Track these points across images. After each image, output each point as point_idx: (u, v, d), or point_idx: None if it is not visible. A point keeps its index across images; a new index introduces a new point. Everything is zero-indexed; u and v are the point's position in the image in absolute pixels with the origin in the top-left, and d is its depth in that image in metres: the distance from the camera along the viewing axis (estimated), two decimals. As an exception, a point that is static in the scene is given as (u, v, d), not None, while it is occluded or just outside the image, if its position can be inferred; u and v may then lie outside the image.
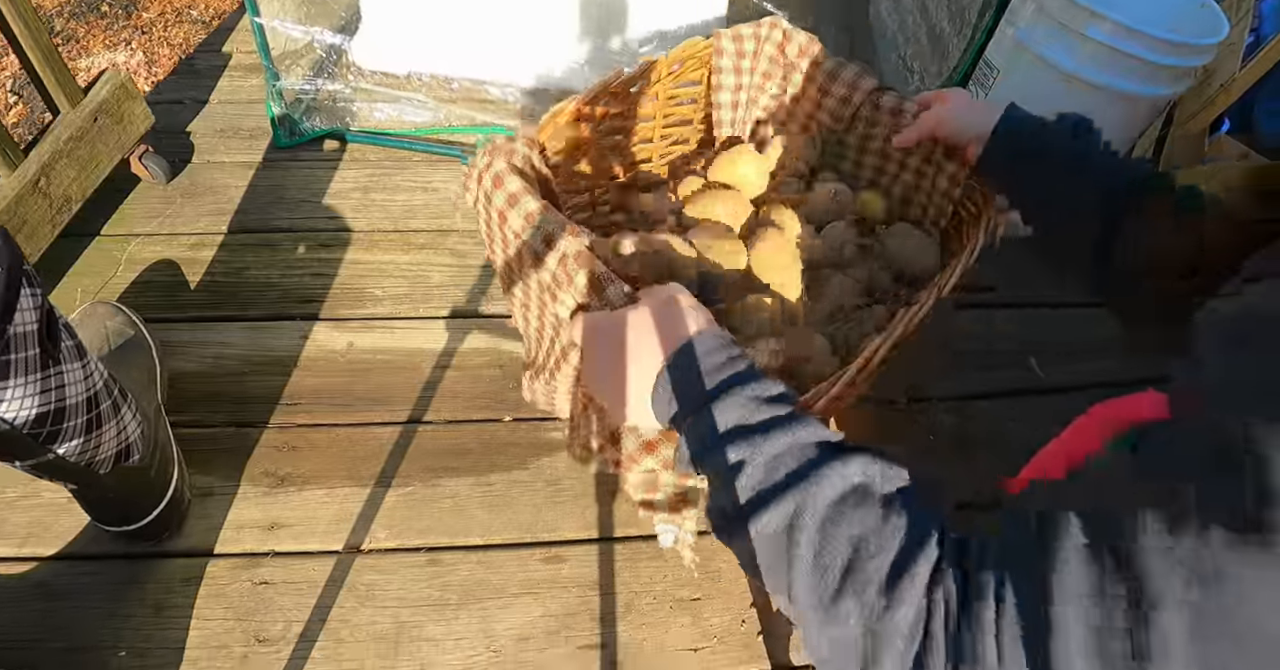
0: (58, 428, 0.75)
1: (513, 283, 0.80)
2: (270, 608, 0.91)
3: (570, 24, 1.49)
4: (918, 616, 0.42)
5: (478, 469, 1.05)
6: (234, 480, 1.01)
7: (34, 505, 0.96)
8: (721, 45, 0.99)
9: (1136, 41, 1.15)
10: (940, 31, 1.36)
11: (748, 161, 1.04)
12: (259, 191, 1.37)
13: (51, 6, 1.72)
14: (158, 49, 1.64)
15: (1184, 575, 0.34)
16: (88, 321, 1.03)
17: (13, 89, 1.52)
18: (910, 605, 0.42)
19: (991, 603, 0.40)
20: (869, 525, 0.45)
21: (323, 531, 0.98)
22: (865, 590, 0.44)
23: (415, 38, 1.52)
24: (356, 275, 1.26)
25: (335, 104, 1.49)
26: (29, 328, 0.70)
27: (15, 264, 0.68)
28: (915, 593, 0.42)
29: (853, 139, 1.04)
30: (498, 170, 0.72)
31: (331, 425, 1.08)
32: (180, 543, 0.95)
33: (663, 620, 0.95)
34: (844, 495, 0.47)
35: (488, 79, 1.57)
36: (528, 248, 0.69)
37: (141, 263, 1.24)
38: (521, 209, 0.69)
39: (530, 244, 0.69)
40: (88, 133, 1.16)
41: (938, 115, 0.91)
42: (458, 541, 0.99)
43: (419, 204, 1.38)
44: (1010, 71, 1.29)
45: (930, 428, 1.17)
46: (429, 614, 0.92)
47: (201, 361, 1.12)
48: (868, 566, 0.44)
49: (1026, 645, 0.39)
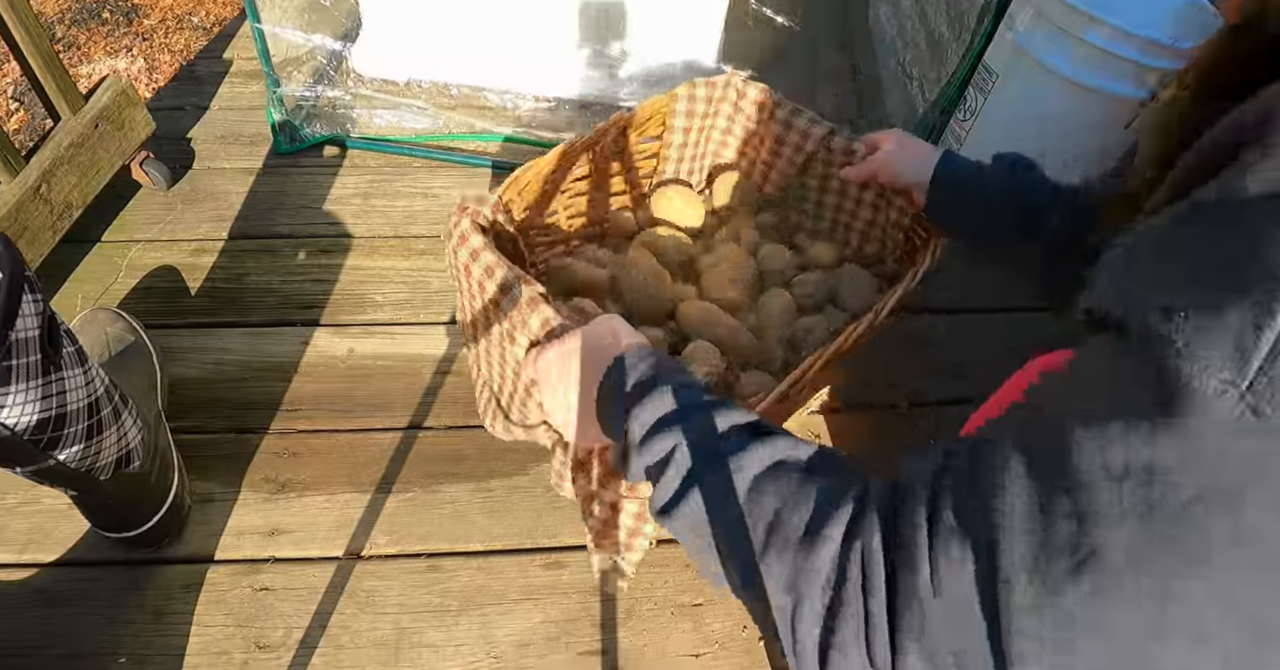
0: (58, 434, 0.75)
1: (475, 334, 0.87)
2: (270, 614, 0.91)
3: (568, 32, 1.49)
4: (834, 561, 0.43)
5: (478, 475, 1.05)
6: (234, 486, 1.01)
7: (34, 511, 0.96)
8: (679, 97, 1.06)
9: (1135, 45, 1.15)
10: (939, 36, 1.36)
11: (676, 195, 1.15)
12: (259, 197, 1.37)
13: (53, 13, 1.72)
14: (159, 55, 1.64)
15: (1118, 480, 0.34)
16: (88, 327, 1.03)
17: (14, 95, 1.53)
18: (827, 549, 0.43)
19: (923, 525, 0.41)
20: (790, 488, 0.47)
21: (323, 537, 0.98)
22: (786, 546, 0.45)
23: (415, 45, 1.53)
24: (357, 281, 1.26)
25: (335, 110, 1.49)
26: (30, 334, 0.70)
27: (16, 270, 0.68)
28: (833, 537, 0.43)
29: (813, 180, 1.13)
30: (463, 229, 0.80)
31: (332, 431, 1.07)
32: (180, 549, 0.95)
33: (664, 626, 0.94)
34: (768, 468, 0.49)
35: (486, 86, 1.58)
36: (488, 297, 0.77)
37: (142, 269, 1.24)
38: (482, 262, 0.76)
39: (491, 294, 0.76)
40: (89, 139, 1.16)
41: (879, 159, 0.97)
42: (458, 547, 0.99)
43: (419, 210, 1.39)
44: (1009, 76, 1.29)
45: (931, 432, 1.17)
46: (429, 620, 0.92)
47: (202, 367, 1.13)
48: (789, 522, 0.46)
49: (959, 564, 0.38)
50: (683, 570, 0.99)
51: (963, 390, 1.23)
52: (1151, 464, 0.33)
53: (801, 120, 1.07)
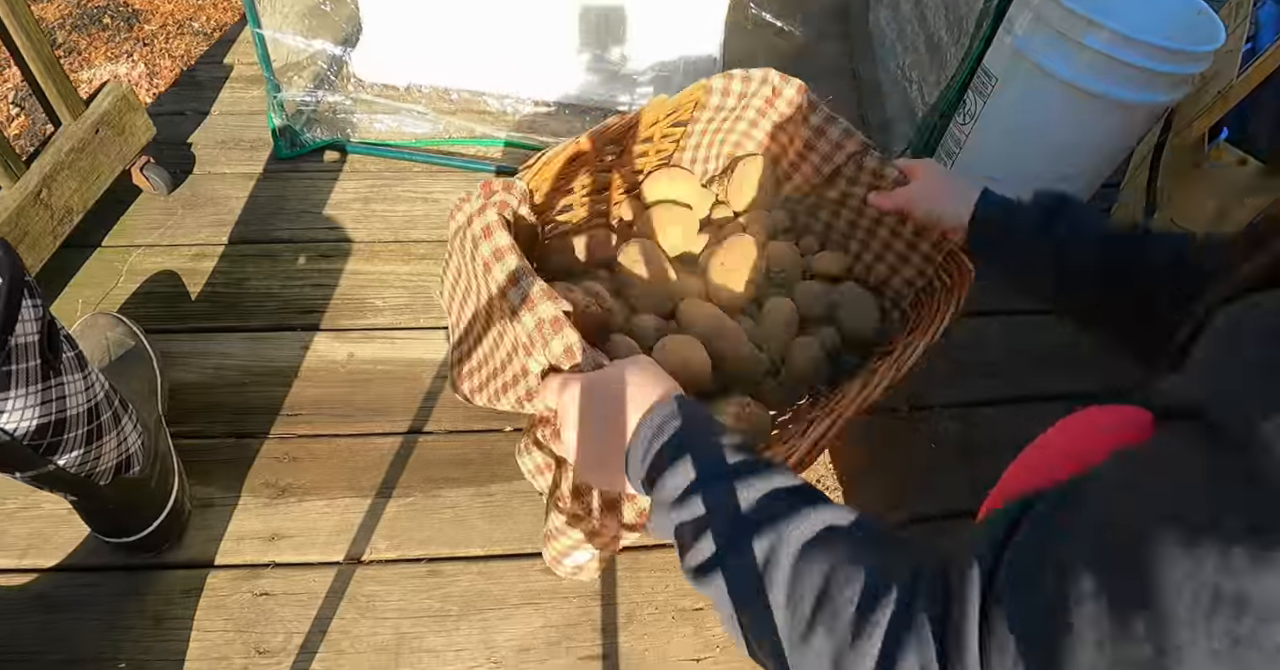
0: (58, 439, 0.75)
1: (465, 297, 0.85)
2: (271, 619, 0.91)
3: (568, 36, 1.49)
4: (882, 649, 0.40)
5: (478, 479, 1.05)
6: (234, 491, 1.01)
7: (34, 516, 0.96)
8: (713, 89, 1.01)
9: (1134, 49, 1.15)
10: (938, 40, 1.36)
11: (674, 178, 1.11)
12: (260, 202, 1.37)
13: (54, 19, 1.73)
14: (159, 61, 1.65)
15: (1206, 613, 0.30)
16: (89, 332, 1.04)
17: (15, 101, 1.53)
18: (876, 634, 0.41)
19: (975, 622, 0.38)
20: (839, 562, 0.45)
21: (323, 542, 0.97)
22: (835, 622, 0.42)
23: (415, 50, 1.53)
24: (357, 286, 1.26)
25: (336, 115, 1.49)
26: (30, 339, 0.70)
27: (16, 275, 0.68)
28: (882, 623, 0.41)
29: (833, 193, 1.08)
30: (489, 221, 0.77)
31: (332, 436, 1.07)
32: (180, 554, 0.95)
33: (664, 630, 0.94)
34: (818, 535, 0.47)
35: (487, 91, 1.58)
36: (506, 301, 0.74)
37: (142, 274, 1.24)
38: (506, 265, 0.74)
39: (510, 300, 0.73)
40: (89, 144, 1.16)
41: (909, 194, 0.93)
42: (458, 552, 0.98)
43: (419, 214, 1.39)
44: (1008, 80, 1.29)
45: (932, 436, 1.17)
46: (430, 625, 0.92)
47: (202, 372, 1.12)
48: (837, 599, 0.43)
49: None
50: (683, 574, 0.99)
51: (964, 394, 1.23)
52: (1245, 596, 0.30)
53: (835, 130, 1.03)
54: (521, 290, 0.72)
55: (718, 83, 1.01)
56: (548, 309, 0.70)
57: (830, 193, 1.09)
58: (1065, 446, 0.53)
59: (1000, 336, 1.33)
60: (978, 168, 1.43)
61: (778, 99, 1.06)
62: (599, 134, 0.92)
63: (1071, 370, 1.29)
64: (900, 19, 1.63)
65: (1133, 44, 1.15)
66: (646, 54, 1.53)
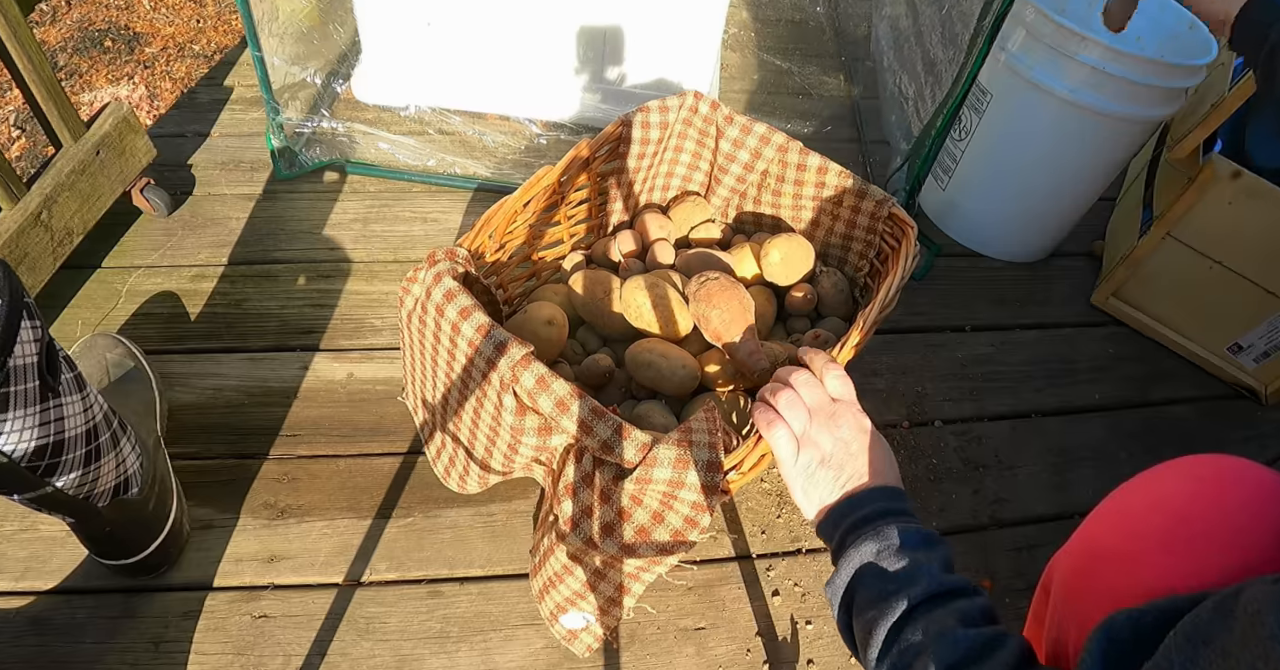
0: (56, 460, 0.75)
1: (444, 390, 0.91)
2: (269, 642, 0.90)
3: (566, 58, 1.50)
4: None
5: (478, 499, 1.04)
6: (233, 512, 1.00)
7: (31, 538, 0.95)
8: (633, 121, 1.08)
9: (1127, 64, 1.16)
10: (934, 58, 1.37)
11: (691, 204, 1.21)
12: (259, 223, 1.38)
13: (55, 42, 1.74)
14: (160, 83, 1.66)
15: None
16: (88, 353, 1.03)
17: (16, 123, 1.54)
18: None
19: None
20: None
21: (323, 564, 0.97)
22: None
23: (414, 72, 1.54)
24: (356, 306, 1.26)
25: (335, 136, 1.50)
26: (29, 360, 0.70)
27: (15, 297, 0.69)
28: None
29: (787, 189, 1.15)
30: (448, 287, 0.82)
31: (331, 456, 1.07)
32: (179, 576, 0.94)
33: (667, 650, 0.93)
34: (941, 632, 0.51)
35: (485, 112, 1.59)
36: (479, 354, 0.80)
37: (142, 295, 1.24)
38: (474, 321, 0.80)
39: (483, 351, 0.80)
40: (90, 166, 1.17)
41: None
42: (459, 573, 0.98)
43: (418, 234, 1.39)
44: (1004, 96, 1.30)
45: (933, 452, 1.16)
46: (430, 647, 0.91)
47: (201, 393, 1.12)
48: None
49: None
50: (685, 594, 0.98)
51: (964, 410, 1.23)
52: None
53: (752, 138, 1.10)
54: (494, 339, 0.78)
55: (638, 116, 1.08)
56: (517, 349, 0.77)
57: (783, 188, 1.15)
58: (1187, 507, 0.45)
59: (999, 353, 1.33)
60: (973, 183, 1.44)
61: (695, 116, 1.12)
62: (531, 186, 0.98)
63: (1071, 386, 1.29)
64: (899, 40, 1.65)
65: (1125, 58, 1.16)
66: (643, 74, 1.54)
